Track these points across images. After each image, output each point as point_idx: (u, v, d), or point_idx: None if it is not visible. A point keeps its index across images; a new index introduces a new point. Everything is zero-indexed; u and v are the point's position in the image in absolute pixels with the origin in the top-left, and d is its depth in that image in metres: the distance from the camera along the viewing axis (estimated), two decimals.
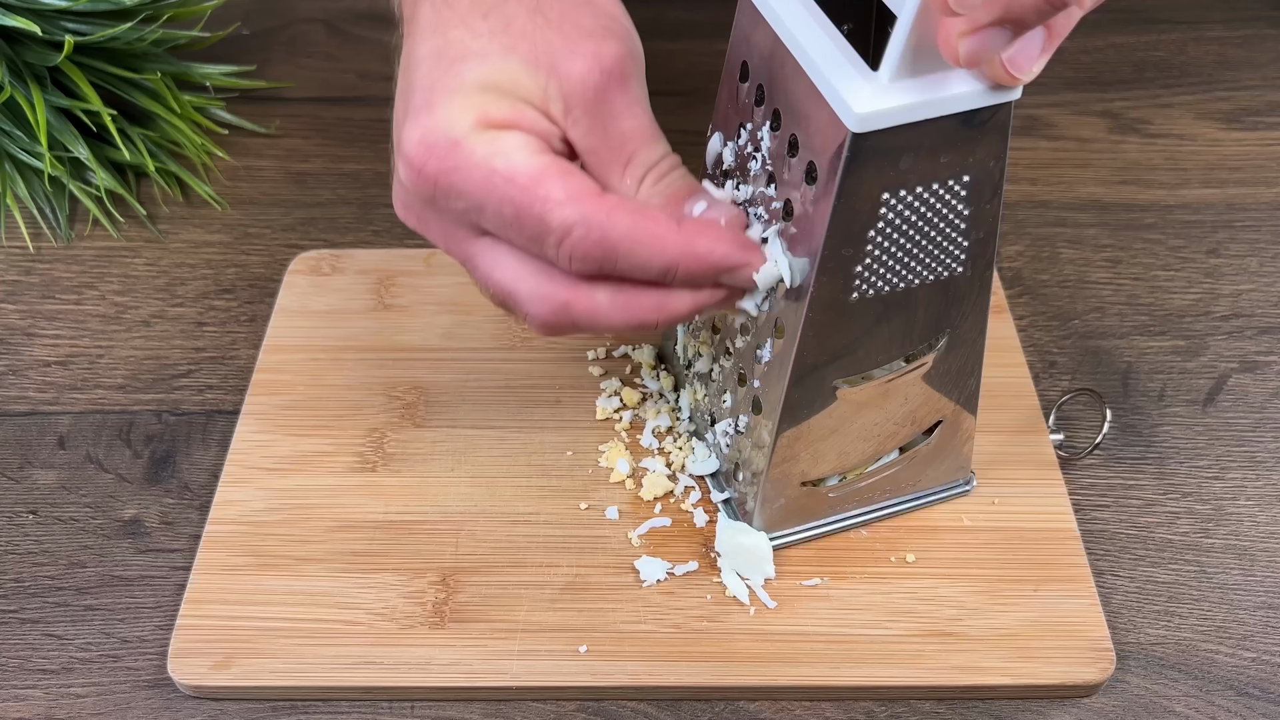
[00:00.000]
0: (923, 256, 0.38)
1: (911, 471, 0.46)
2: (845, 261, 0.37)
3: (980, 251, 0.39)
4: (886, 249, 0.38)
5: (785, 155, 0.38)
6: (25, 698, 0.44)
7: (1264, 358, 0.56)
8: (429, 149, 0.37)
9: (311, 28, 0.76)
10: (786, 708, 0.44)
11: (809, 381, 0.41)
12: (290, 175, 0.65)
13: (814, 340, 0.39)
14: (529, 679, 0.43)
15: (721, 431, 0.47)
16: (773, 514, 0.45)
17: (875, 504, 0.47)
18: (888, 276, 0.38)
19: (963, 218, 0.38)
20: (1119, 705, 0.44)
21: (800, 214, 0.37)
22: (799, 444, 0.43)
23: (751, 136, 0.40)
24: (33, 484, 0.50)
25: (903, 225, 0.37)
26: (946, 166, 0.36)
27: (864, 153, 0.34)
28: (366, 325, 0.55)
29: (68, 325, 0.57)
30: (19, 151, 0.60)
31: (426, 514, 0.48)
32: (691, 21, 0.76)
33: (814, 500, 0.45)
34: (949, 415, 0.45)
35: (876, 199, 0.36)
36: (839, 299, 0.38)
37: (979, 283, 0.41)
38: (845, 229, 0.36)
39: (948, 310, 0.41)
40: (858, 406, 0.42)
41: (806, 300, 0.38)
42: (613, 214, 0.37)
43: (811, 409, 0.42)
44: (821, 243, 0.36)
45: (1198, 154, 0.67)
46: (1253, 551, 0.49)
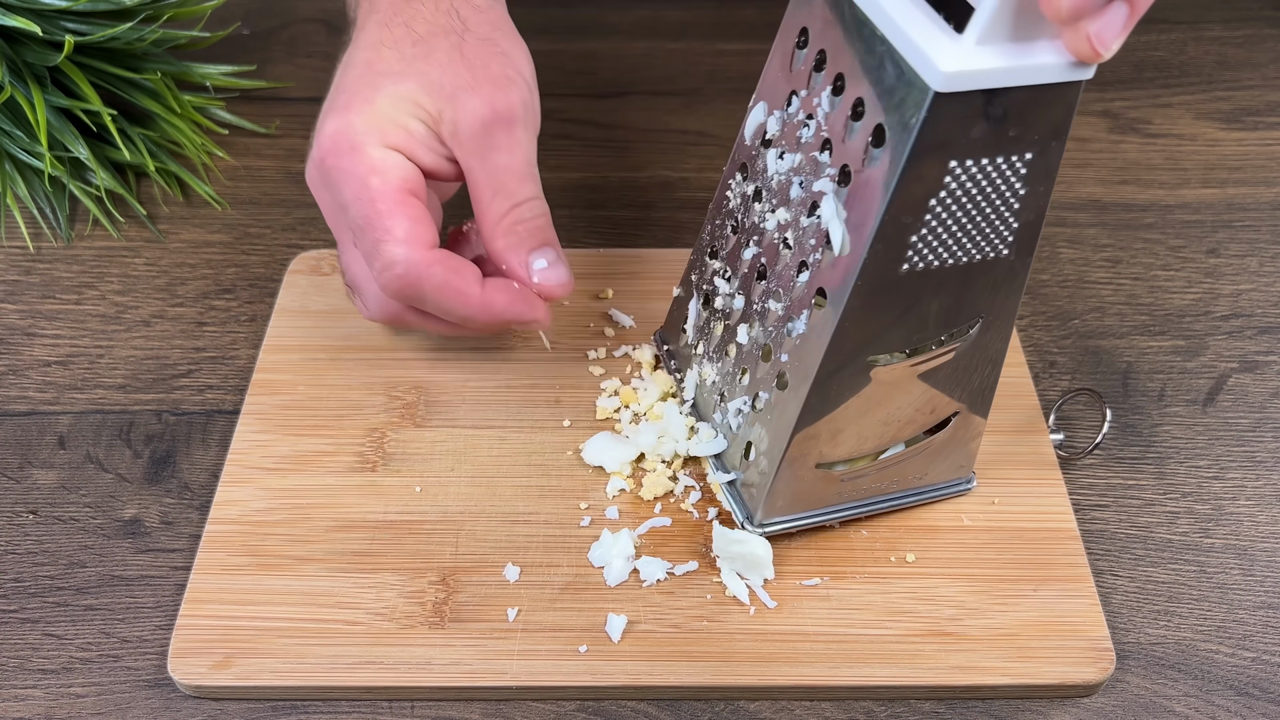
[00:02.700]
0: (974, 233, 0.38)
1: (920, 464, 0.46)
2: (903, 229, 0.37)
3: (1026, 236, 0.40)
4: (944, 220, 0.38)
5: (847, 120, 0.38)
6: (25, 698, 0.44)
7: (1264, 358, 0.56)
8: (334, 143, 0.46)
9: (311, 28, 0.76)
10: (786, 708, 0.44)
11: (844, 356, 0.40)
12: (290, 175, 0.65)
13: (858, 311, 0.39)
14: (529, 679, 0.43)
15: (734, 410, 0.46)
16: (781, 497, 0.45)
17: (879, 496, 0.47)
18: (939, 250, 0.38)
19: (1018, 197, 0.38)
20: (1119, 705, 0.44)
21: (860, 180, 0.37)
22: (823, 422, 0.42)
23: (805, 104, 0.40)
24: (33, 484, 0.50)
25: (962, 197, 0.37)
26: (1013, 141, 0.36)
27: (941, 115, 0.34)
28: (366, 325, 0.55)
29: (68, 325, 0.57)
30: (19, 151, 0.60)
31: (426, 514, 0.48)
32: (691, 21, 0.76)
33: (824, 486, 0.45)
34: (965, 408, 0.45)
35: (944, 165, 0.36)
36: (890, 269, 0.38)
37: (1019, 269, 0.41)
38: (909, 195, 0.36)
39: (986, 294, 0.41)
40: (886, 388, 0.42)
41: (858, 268, 0.38)
42: (432, 267, 0.45)
43: (842, 385, 0.41)
44: (884, 207, 0.36)
45: (1197, 154, 0.67)
46: (1253, 551, 0.49)
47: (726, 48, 0.74)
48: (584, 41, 0.74)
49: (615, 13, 0.76)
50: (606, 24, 0.75)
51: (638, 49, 0.74)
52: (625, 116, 0.69)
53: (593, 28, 0.75)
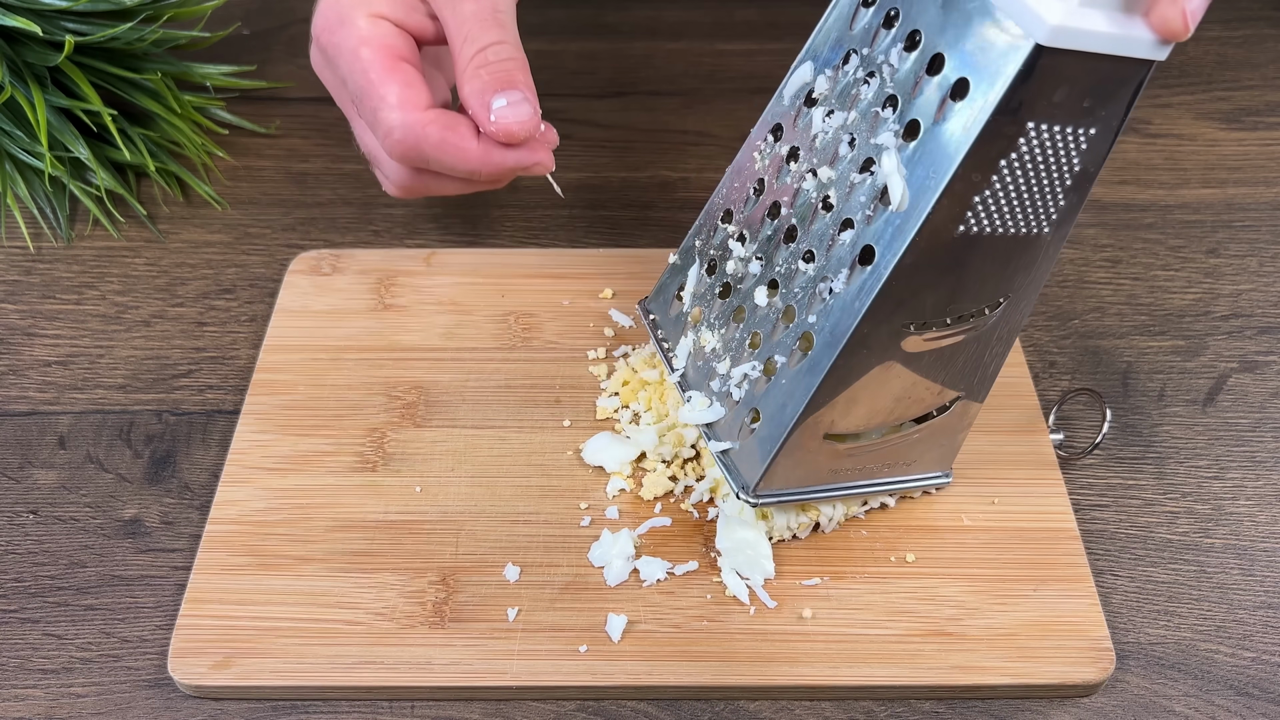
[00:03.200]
0: (1028, 204, 0.39)
1: (912, 449, 0.46)
2: (970, 188, 0.37)
3: (1066, 218, 0.40)
4: (1007, 184, 0.38)
5: (921, 75, 0.38)
6: (25, 698, 0.44)
7: (1264, 358, 0.56)
8: (325, 19, 0.49)
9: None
10: (786, 707, 0.44)
11: (882, 317, 0.40)
12: (290, 175, 0.65)
13: (909, 271, 0.38)
14: (529, 679, 0.43)
15: (739, 376, 0.44)
16: (783, 467, 0.44)
17: (866, 480, 0.46)
18: (995, 216, 0.38)
19: (1073, 173, 0.38)
20: (1119, 705, 0.44)
21: (931, 134, 0.37)
22: (843, 388, 0.42)
23: (866, 61, 0.40)
24: (33, 484, 0.50)
25: (1029, 163, 0.37)
26: (1085, 113, 0.37)
27: (1036, 71, 0.35)
28: (366, 325, 0.55)
29: (68, 325, 0.57)
30: (19, 151, 0.60)
31: (426, 514, 0.48)
32: (691, 21, 0.76)
33: (823, 460, 0.44)
34: (967, 393, 0.45)
35: (1023, 125, 0.36)
36: (947, 230, 0.38)
37: (1051, 253, 0.41)
38: (984, 151, 0.36)
39: (1020, 272, 0.41)
40: (907, 360, 0.42)
41: (918, 224, 0.37)
42: (427, 127, 0.46)
43: (871, 351, 0.41)
44: (959, 160, 0.36)
45: (1197, 154, 0.67)
46: (1253, 551, 0.49)
47: (726, 48, 0.74)
48: (584, 41, 0.74)
49: (615, 13, 0.76)
50: (606, 24, 0.76)
51: (638, 49, 0.74)
52: (625, 116, 0.69)
53: (593, 28, 0.75)
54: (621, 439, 0.50)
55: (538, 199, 0.64)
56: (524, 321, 0.56)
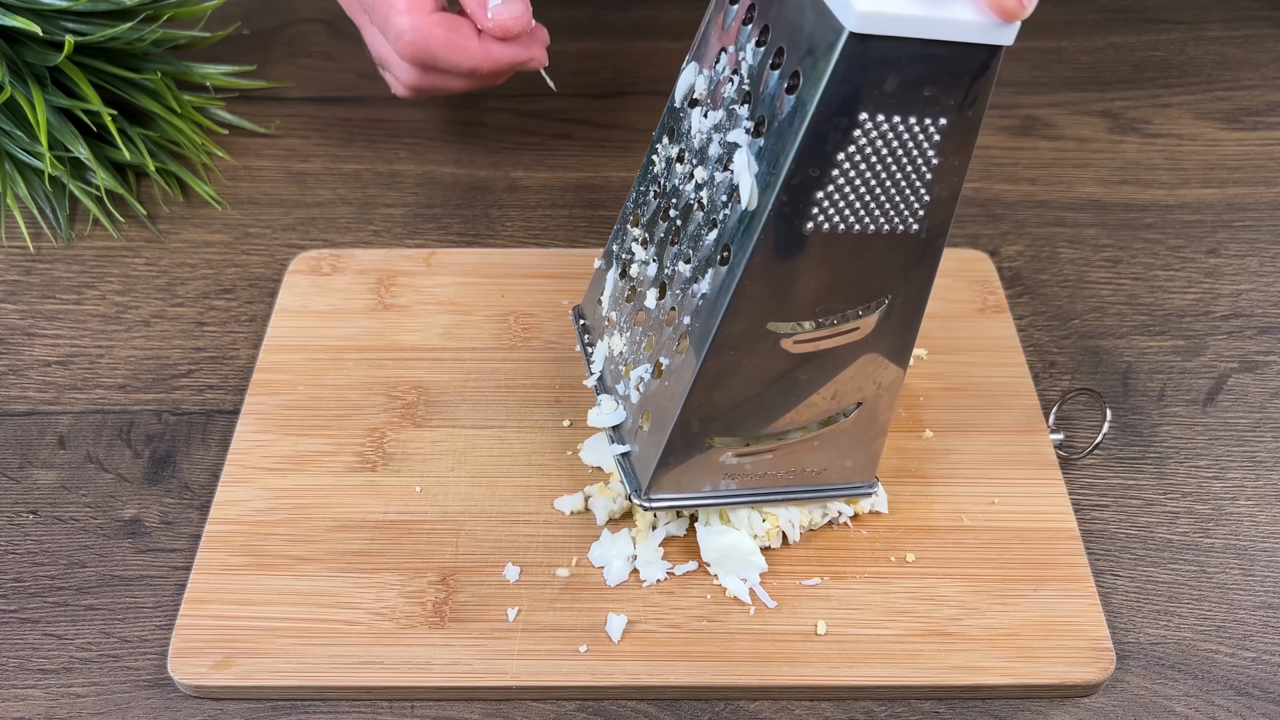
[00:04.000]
0: (884, 200, 0.38)
1: (818, 457, 0.45)
2: (809, 184, 0.37)
3: (938, 214, 0.39)
4: (852, 180, 0.37)
5: (768, 68, 0.38)
6: (25, 698, 0.44)
7: (1264, 358, 0.56)
8: None
9: (311, 28, 0.76)
10: (786, 708, 0.44)
11: (745, 318, 0.40)
12: (290, 175, 0.65)
13: (761, 269, 0.38)
14: (529, 679, 0.43)
15: (637, 378, 0.44)
16: (671, 470, 0.43)
17: (774, 488, 0.46)
18: (846, 213, 0.38)
19: (930, 166, 0.38)
20: (1119, 705, 0.44)
21: (774, 130, 0.37)
22: (718, 390, 0.41)
23: (732, 59, 0.40)
24: (33, 484, 0.50)
25: (872, 157, 0.37)
26: (928, 102, 0.36)
27: (854, 59, 0.34)
28: (366, 325, 0.55)
29: (68, 325, 0.57)
30: (19, 151, 0.60)
31: (426, 514, 0.48)
32: (691, 21, 0.76)
33: (717, 464, 0.44)
34: (869, 398, 0.44)
35: (854, 117, 0.36)
36: (794, 226, 0.38)
37: (929, 253, 0.40)
38: (818, 145, 0.36)
39: (896, 273, 0.40)
40: (786, 360, 0.41)
41: (762, 221, 0.37)
42: (434, 29, 0.51)
43: (740, 350, 0.40)
44: (792, 155, 0.36)
45: (1197, 154, 0.67)
46: (1253, 551, 0.49)
47: None
48: (584, 41, 0.74)
49: (615, 13, 0.76)
50: (606, 24, 0.76)
51: (638, 49, 0.74)
52: (625, 116, 0.69)
53: (593, 28, 0.75)
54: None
55: (538, 199, 0.64)
56: (524, 321, 0.56)
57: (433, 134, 0.68)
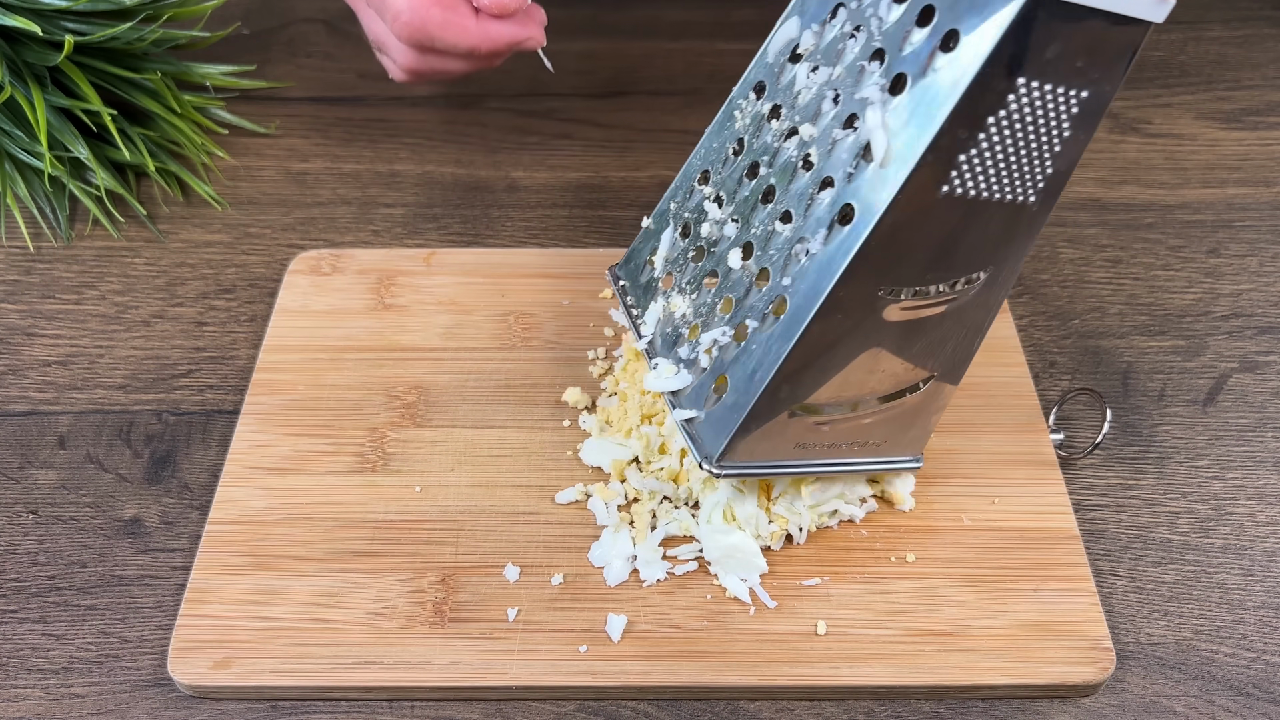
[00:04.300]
0: (1015, 168, 0.38)
1: (883, 428, 0.45)
2: (956, 145, 0.37)
3: (1051, 189, 0.39)
4: (994, 145, 0.37)
5: (912, 27, 0.37)
6: (25, 698, 0.44)
7: (1264, 357, 0.56)
8: None
9: (311, 28, 0.76)
10: (786, 708, 0.44)
11: (860, 281, 0.39)
12: (290, 175, 0.65)
13: (889, 230, 0.38)
14: (528, 679, 0.43)
15: (709, 342, 0.43)
16: (748, 437, 0.42)
17: (835, 459, 0.45)
18: (980, 178, 0.38)
19: (1060, 139, 0.38)
20: (1119, 705, 0.44)
21: (919, 88, 0.37)
22: (816, 355, 0.40)
23: (854, 15, 0.40)
24: (33, 484, 0.50)
25: (1017, 122, 0.37)
26: (1078, 73, 0.36)
27: (1030, 22, 0.34)
28: (366, 325, 0.55)
29: (68, 325, 0.57)
30: (19, 151, 0.60)
31: (426, 514, 0.48)
32: (691, 21, 0.76)
33: (792, 431, 0.43)
34: (941, 373, 0.44)
35: (1013, 81, 0.36)
36: (930, 189, 0.37)
37: (1032, 227, 0.40)
38: (973, 106, 0.36)
39: (1002, 245, 0.40)
40: (883, 329, 0.41)
41: (901, 181, 0.37)
42: (430, 9, 0.52)
43: (846, 315, 0.40)
44: (946, 115, 0.36)
45: (1197, 154, 0.67)
46: (1253, 551, 0.49)
47: (726, 48, 0.74)
48: (584, 41, 0.74)
49: (615, 13, 0.76)
50: (606, 24, 0.75)
51: (638, 49, 0.74)
52: (625, 116, 0.69)
53: (593, 28, 0.75)
54: (620, 440, 0.50)
55: (538, 199, 0.64)
56: (524, 321, 0.56)
57: (433, 134, 0.68)
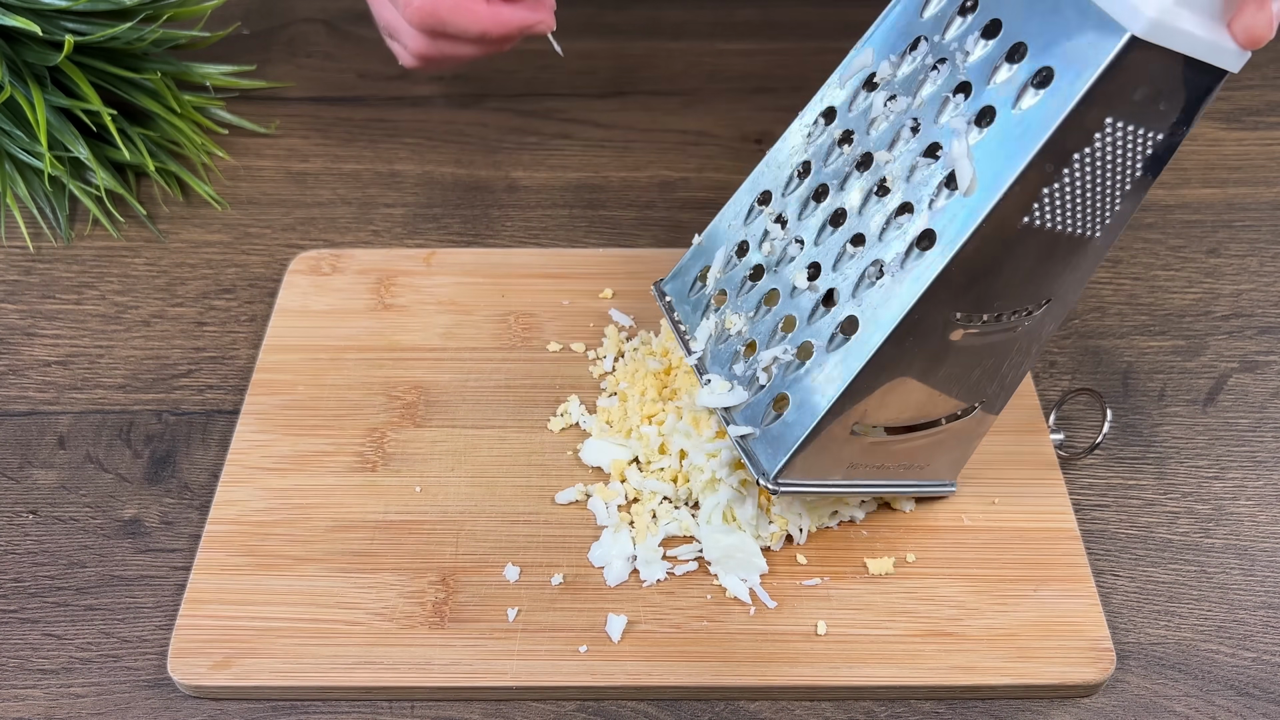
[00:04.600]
0: (1089, 204, 0.39)
1: (929, 451, 0.46)
2: (1042, 178, 0.37)
3: (1115, 225, 0.40)
4: (1076, 180, 0.38)
5: (1001, 62, 0.38)
6: (25, 698, 0.44)
7: (1264, 357, 0.56)
8: None
9: (311, 28, 0.76)
10: (786, 708, 0.44)
11: (935, 305, 0.39)
12: (290, 175, 0.65)
13: (969, 257, 0.38)
14: (528, 679, 0.43)
15: (768, 359, 0.43)
16: (808, 456, 0.42)
17: (883, 479, 0.46)
18: (1058, 212, 0.39)
19: (1131, 179, 0.39)
20: (1119, 705, 0.44)
21: (1008, 122, 0.38)
22: (884, 377, 0.41)
23: (936, 48, 0.40)
24: (33, 484, 0.50)
25: (1101, 159, 0.38)
26: (1159, 116, 0.37)
27: (1125, 64, 0.35)
28: (366, 325, 0.55)
29: (68, 325, 0.57)
30: (19, 151, 0.60)
31: (426, 514, 0.48)
32: (691, 21, 0.76)
33: (847, 452, 0.44)
34: (989, 399, 0.45)
35: (1101, 119, 0.37)
36: (1012, 219, 0.38)
37: (1092, 262, 0.41)
38: (1062, 142, 0.37)
39: (1062, 276, 0.41)
40: (950, 352, 0.42)
41: (986, 210, 0.38)
42: None
43: (917, 339, 0.40)
44: (1036, 148, 0.37)
45: (1197, 154, 0.67)
46: (1253, 551, 0.49)
47: (726, 48, 0.74)
48: (584, 41, 0.74)
49: (615, 13, 0.76)
50: (606, 24, 0.75)
51: (638, 49, 0.74)
52: (625, 116, 0.69)
53: (593, 28, 0.75)
54: (620, 440, 0.50)
55: (538, 199, 0.64)
56: (524, 321, 0.56)
57: (433, 134, 0.68)
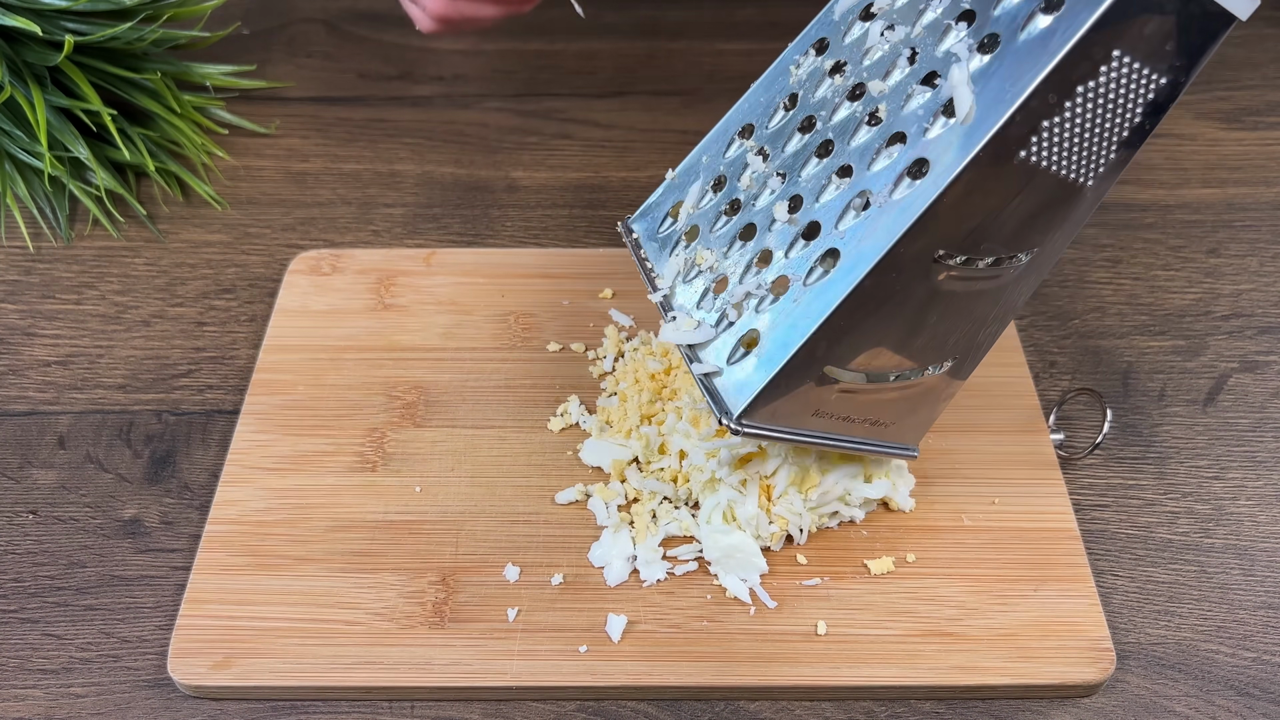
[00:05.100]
0: (1084, 145, 0.38)
1: (895, 408, 0.44)
2: (1042, 110, 0.37)
3: (1108, 177, 0.39)
4: (1078, 114, 0.37)
5: None
6: (25, 698, 0.44)
7: (1264, 357, 0.56)
8: None
9: (311, 28, 0.76)
10: (786, 708, 0.44)
11: (922, 239, 0.38)
12: (290, 175, 0.65)
13: (963, 188, 0.37)
14: (528, 679, 0.43)
15: (741, 294, 0.41)
16: (774, 397, 0.41)
17: (844, 434, 0.44)
18: (1054, 148, 0.38)
19: (1130, 124, 0.38)
20: (1119, 705, 0.44)
21: (1012, 49, 0.37)
22: (862, 314, 0.40)
23: None
24: (33, 484, 0.50)
25: (1102, 97, 0.37)
26: (1164, 56, 0.37)
27: None
28: (366, 325, 0.55)
29: (68, 325, 0.57)
30: (19, 151, 0.60)
31: (426, 514, 0.48)
32: (691, 21, 0.76)
33: (814, 396, 0.42)
34: (960, 358, 0.44)
35: (1109, 50, 0.36)
36: (1008, 151, 0.37)
37: (1080, 215, 0.40)
38: (1068, 72, 0.36)
39: (1051, 225, 0.40)
40: (928, 295, 0.40)
41: (986, 137, 0.37)
42: None
43: (901, 274, 0.39)
44: (1040, 77, 0.36)
45: (1197, 154, 0.67)
46: (1253, 551, 0.49)
47: (726, 47, 0.74)
48: (584, 41, 0.74)
49: (615, 13, 0.76)
50: (606, 24, 0.75)
51: (638, 49, 0.74)
52: (625, 116, 0.69)
53: (593, 28, 0.75)
54: (620, 440, 0.50)
55: (538, 199, 0.64)
56: (524, 321, 0.56)
57: (433, 134, 0.68)
